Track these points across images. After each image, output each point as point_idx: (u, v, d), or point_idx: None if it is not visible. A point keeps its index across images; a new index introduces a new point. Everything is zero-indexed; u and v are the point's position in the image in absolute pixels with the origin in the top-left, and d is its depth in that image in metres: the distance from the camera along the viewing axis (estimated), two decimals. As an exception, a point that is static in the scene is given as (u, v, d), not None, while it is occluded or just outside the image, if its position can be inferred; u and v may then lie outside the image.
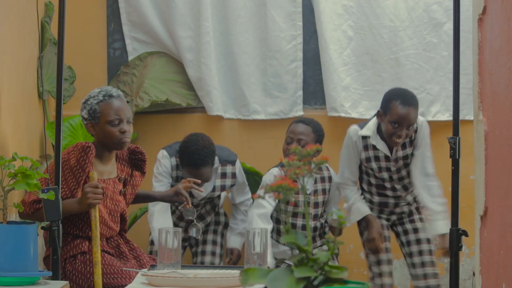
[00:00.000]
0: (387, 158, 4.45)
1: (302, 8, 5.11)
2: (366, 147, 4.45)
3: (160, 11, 5.11)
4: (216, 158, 4.53)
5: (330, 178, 4.63)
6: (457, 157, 3.49)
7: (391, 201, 4.57)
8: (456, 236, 3.45)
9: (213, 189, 4.58)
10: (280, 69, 5.10)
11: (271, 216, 4.58)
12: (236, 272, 3.07)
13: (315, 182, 4.58)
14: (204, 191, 4.47)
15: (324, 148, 4.49)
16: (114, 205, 3.79)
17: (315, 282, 1.82)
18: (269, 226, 4.42)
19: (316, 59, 5.13)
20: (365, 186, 4.58)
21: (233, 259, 4.68)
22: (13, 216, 3.93)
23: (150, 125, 5.01)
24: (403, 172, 4.50)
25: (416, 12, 5.08)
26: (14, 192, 3.03)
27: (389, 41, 5.08)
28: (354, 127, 4.51)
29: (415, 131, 4.43)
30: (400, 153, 4.46)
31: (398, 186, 4.52)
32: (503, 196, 2.33)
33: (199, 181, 4.12)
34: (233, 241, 4.70)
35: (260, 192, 1.92)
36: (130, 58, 5.12)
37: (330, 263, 1.85)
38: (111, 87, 3.87)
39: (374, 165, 4.47)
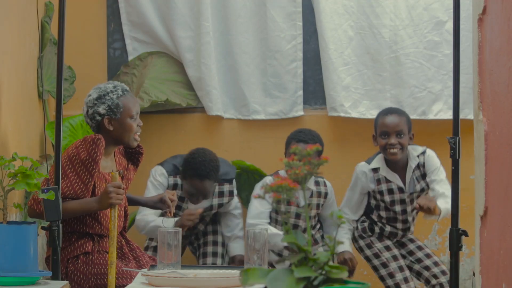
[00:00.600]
0: (400, 190, 4.46)
1: (302, 8, 5.11)
2: (378, 181, 4.48)
3: (160, 11, 5.11)
4: None
5: (326, 194, 4.62)
6: (457, 157, 3.49)
7: (400, 232, 4.57)
8: (456, 236, 3.45)
9: (211, 208, 4.58)
10: (280, 69, 5.09)
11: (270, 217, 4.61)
12: (236, 272, 3.07)
13: (311, 195, 4.57)
14: (201, 206, 4.51)
15: (324, 148, 4.51)
16: None
17: (315, 282, 1.82)
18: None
19: (316, 59, 5.13)
20: (375, 218, 4.58)
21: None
22: (13, 216, 3.93)
23: (150, 125, 5.01)
24: (414, 204, 4.46)
25: (416, 11, 5.08)
26: (14, 192, 3.03)
27: (390, 40, 5.08)
28: (361, 164, 4.54)
29: (423, 166, 4.45)
30: (418, 187, 4.46)
31: (410, 218, 4.54)
32: (503, 196, 2.33)
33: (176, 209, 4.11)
34: (233, 248, 4.65)
35: (260, 192, 1.92)
36: (130, 58, 5.12)
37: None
38: (117, 82, 3.91)
39: (387, 198, 4.49)
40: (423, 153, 4.48)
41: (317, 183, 4.61)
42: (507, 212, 2.29)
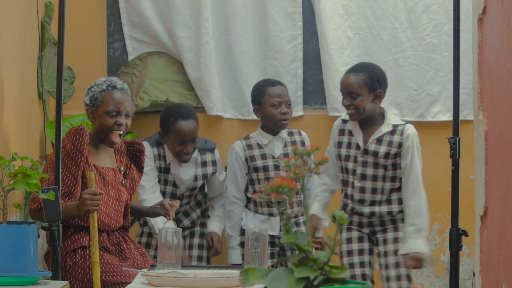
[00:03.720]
0: (357, 147, 4.21)
1: (302, 8, 5.11)
2: (342, 131, 4.28)
3: (160, 11, 5.11)
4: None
5: (302, 143, 4.58)
6: (457, 157, 3.50)
7: (349, 203, 4.25)
8: (456, 236, 3.45)
9: (195, 179, 4.53)
10: (280, 69, 5.09)
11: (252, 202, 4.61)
12: (236, 272, 3.07)
13: (285, 145, 4.54)
14: (185, 178, 4.48)
15: (324, 148, 4.51)
16: (116, 194, 3.80)
17: (315, 282, 1.82)
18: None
19: (316, 59, 5.13)
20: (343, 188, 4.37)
21: (214, 245, 4.55)
22: (13, 216, 3.93)
23: (150, 125, 5.00)
24: (369, 171, 4.19)
25: (415, 14, 5.09)
26: (14, 192, 3.03)
27: (388, 43, 5.09)
28: (339, 118, 4.43)
29: (395, 132, 4.19)
30: (372, 146, 4.17)
31: (356, 184, 4.20)
32: (503, 196, 2.33)
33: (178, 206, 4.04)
34: (212, 225, 4.59)
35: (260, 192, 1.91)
36: (130, 58, 5.12)
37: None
38: (117, 78, 3.92)
39: (343, 151, 4.24)
40: (402, 125, 4.22)
41: (290, 133, 4.60)
42: (507, 212, 2.29)
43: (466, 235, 3.47)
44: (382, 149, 4.19)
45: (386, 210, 4.23)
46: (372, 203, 4.23)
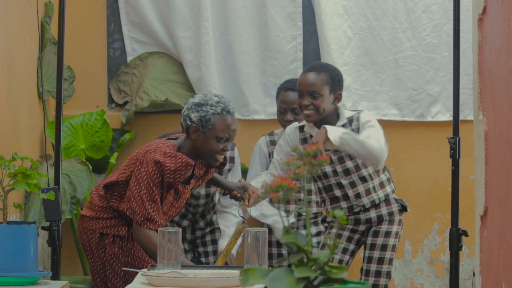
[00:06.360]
0: (327, 149, 4.00)
1: (302, 8, 5.11)
2: (304, 140, 4.13)
3: (160, 11, 5.11)
4: None
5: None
6: (457, 157, 3.50)
7: (344, 205, 4.11)
8: (456, 236, 3.45)
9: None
10: (280, 69, 5.10)
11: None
12: (236, 272, 3.07)
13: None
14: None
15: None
16: (181, 203, 3.82)
17: (315, 282, 1.82)
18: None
19: (316, 59, 5.13)
20: (319, 198, 4.27)
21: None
22: (13, 216, 3.93)
23: (149, 125, 5.01)
24: (349, 164, 4.07)
25: (415, 14, 5.09)
26: (14, 192, 3.03)
27: (388, 43, 5.09)
28: (293, 123, 4.26)
29: (352, 123, 4.02)
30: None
31: (344, 182, 4.08)
32: (503, 196, 2.33)
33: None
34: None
35: (260, 192, 1.91)
36: (129, 59, 5.12)
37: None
38: (228, 100, 3.75)
39: None
40: (357, 113, 4.08)
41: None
42: (507, 212, 2.29)
43: (466, 235, 3.47)
44: None
45: (382, 194, 4.11)
46: (368, 192, 4.09)
